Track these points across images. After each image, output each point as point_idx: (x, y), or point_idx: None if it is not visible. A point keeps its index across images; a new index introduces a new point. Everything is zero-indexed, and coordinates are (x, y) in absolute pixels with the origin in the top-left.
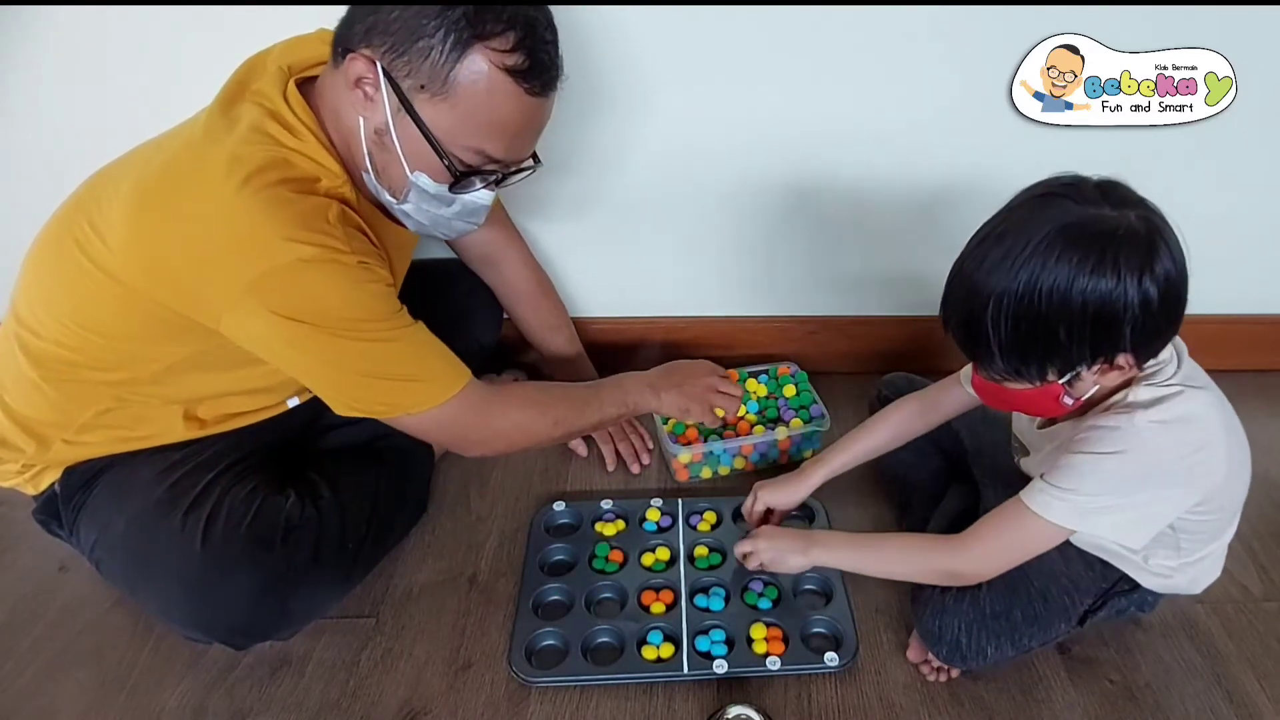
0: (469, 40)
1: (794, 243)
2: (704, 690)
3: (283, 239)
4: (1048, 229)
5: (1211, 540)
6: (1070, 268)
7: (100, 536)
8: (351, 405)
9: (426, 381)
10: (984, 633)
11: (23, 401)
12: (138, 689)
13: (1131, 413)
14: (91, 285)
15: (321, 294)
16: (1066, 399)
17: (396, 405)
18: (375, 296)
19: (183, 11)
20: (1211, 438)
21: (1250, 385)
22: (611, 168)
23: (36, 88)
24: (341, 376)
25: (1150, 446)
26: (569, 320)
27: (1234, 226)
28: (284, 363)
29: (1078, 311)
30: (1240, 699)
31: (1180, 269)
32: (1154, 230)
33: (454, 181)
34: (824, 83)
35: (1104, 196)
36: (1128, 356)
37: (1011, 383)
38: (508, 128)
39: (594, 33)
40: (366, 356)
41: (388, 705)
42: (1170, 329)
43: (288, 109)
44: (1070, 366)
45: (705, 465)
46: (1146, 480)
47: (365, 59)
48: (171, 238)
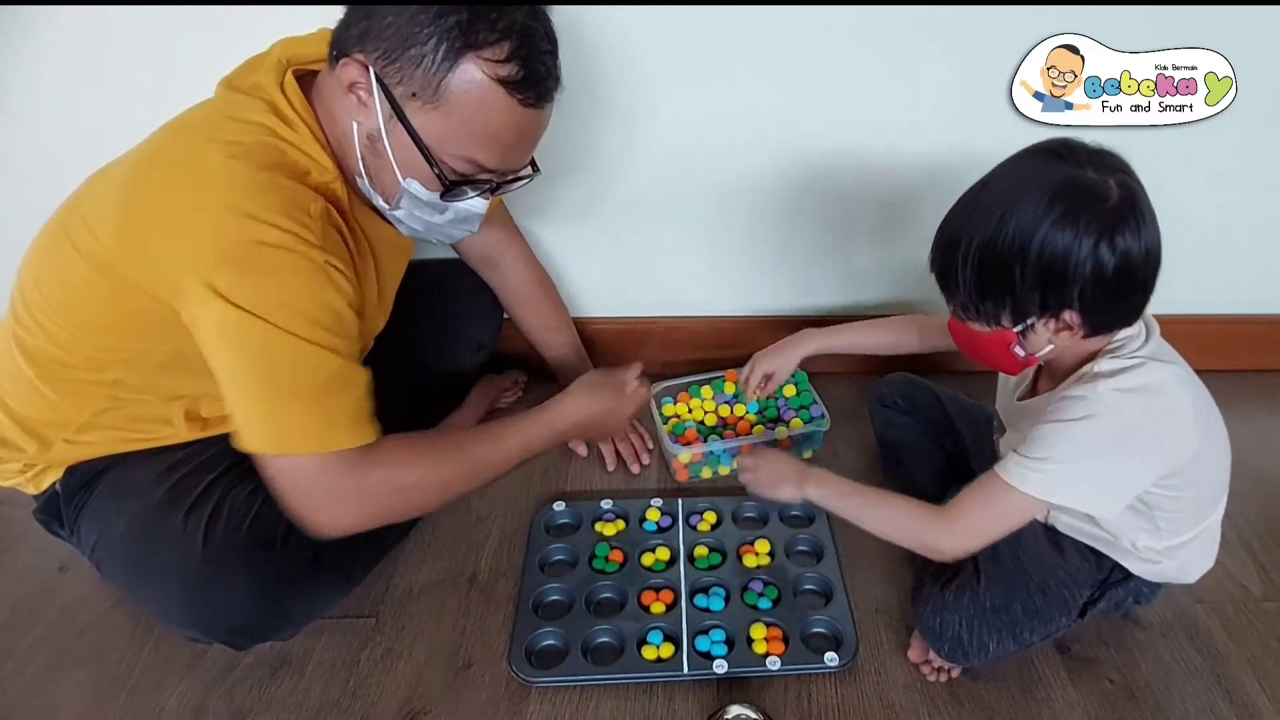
0: (462, 49)
1: (794, 242)
2: (704, 690)
3: (252, 218)
4: (1028, 179)
5: (1192, 523)
6: (1036, 216)
7: (101, 537)
8: (248, 420)
9: (328, 418)
10: (985, 628)
11: (22, 401)
12: (138, 689)
13: (1095, 381)
14: (80, 279)
15: (269, 280)
16: (1018, 349)
17: (283, 433)
18: (323, 305)
19: (183, 12)
20: (1176, 408)
21: (1250, 385)
22: (612, 168)
23: (37, 88)
24: (250, 379)
25: (1114, 412)
26: (570, 321)
27: (1234, 226)
28: (210, 355)
29: (1033, 260)
30: (1240, 699)
31: (1146, 247)
32: (1129, 201)
33: (445, 190)
34: (824, 83)
35: (1090, 159)
36: (1074, 315)
37: (974, 323)
38: (501, 138)
39: (595, 33)
40: (285, 361)
41: (388, 705)
42: (1121, 301)
43: (284, 101)
44: (1022, 315)
45: (705, 465)
46: (1113, 446)
47: (359, 64)
48: (154, 208)
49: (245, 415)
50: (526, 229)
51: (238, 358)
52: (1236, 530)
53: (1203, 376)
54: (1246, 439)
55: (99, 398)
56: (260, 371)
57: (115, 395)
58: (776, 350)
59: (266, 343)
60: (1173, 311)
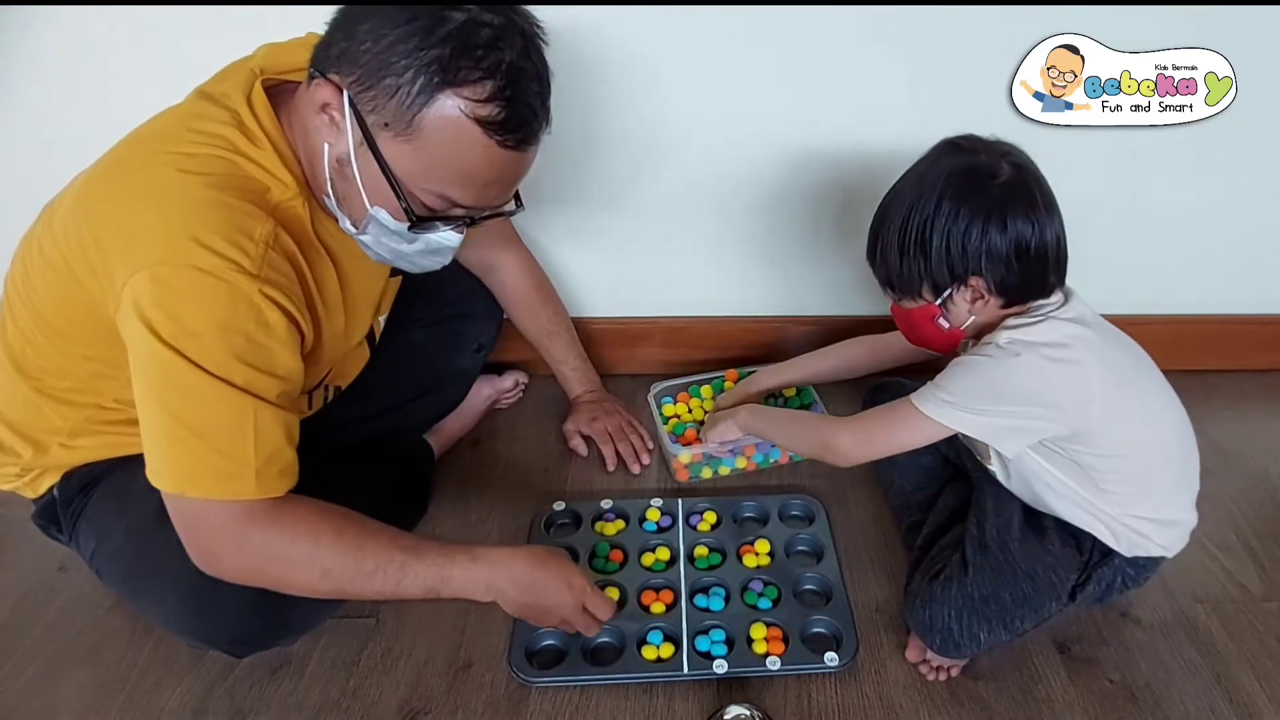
0: (440, 85)
1: (794, 242)
2: (704, 690)
3: (190, 238)
4: (930, 168)
5: (1137, 489)
6: (935, 197)
7: (99, 545)
8: (153, 455)
9: (233, 464)
10: (974, 618)
11: (14, 407)
12: (137, 689)
13: (998, 333)
14: (48, 286)
15: (193, 308)
16: (942, 321)
17: (185, 474)
18: (247, 339)
19: (184, 12)
20: (1074, 361)
21: (1250, 385)
22: (613, 168)
23: (38, 88)
24: (159, 415)
25: (1009, 360)
26: (569, 324)
27: (1234, 226)
28: (134, 384)
29: (937, 236)
30: (1240, 699)
31: (1038, 225)
32: (1020, 184)
33: (411, 224)
34: (824, 83)
35: (985, 148)
36: (980, 281)
37: (904, 300)
38: (475, 177)
39: (597, 33)
40: (195, 399)
41: (388, 705)
42: (1025, 276)
43: (249, 114)
44: (937, 287)
45: (705, 465)
46: (1002, 387)
47: (332, 85)
48: (103, 222)
49: (149, 446)
50: (525, 230)
51: (148, 384)
52: (1236, 530)
53: (1203, 376)
54: (1246, 439)
55: (84, 406)
56: (167, 403)
57: (98, 404)
58: (734, 393)
59: (175, 374)
60: (1173, 311)
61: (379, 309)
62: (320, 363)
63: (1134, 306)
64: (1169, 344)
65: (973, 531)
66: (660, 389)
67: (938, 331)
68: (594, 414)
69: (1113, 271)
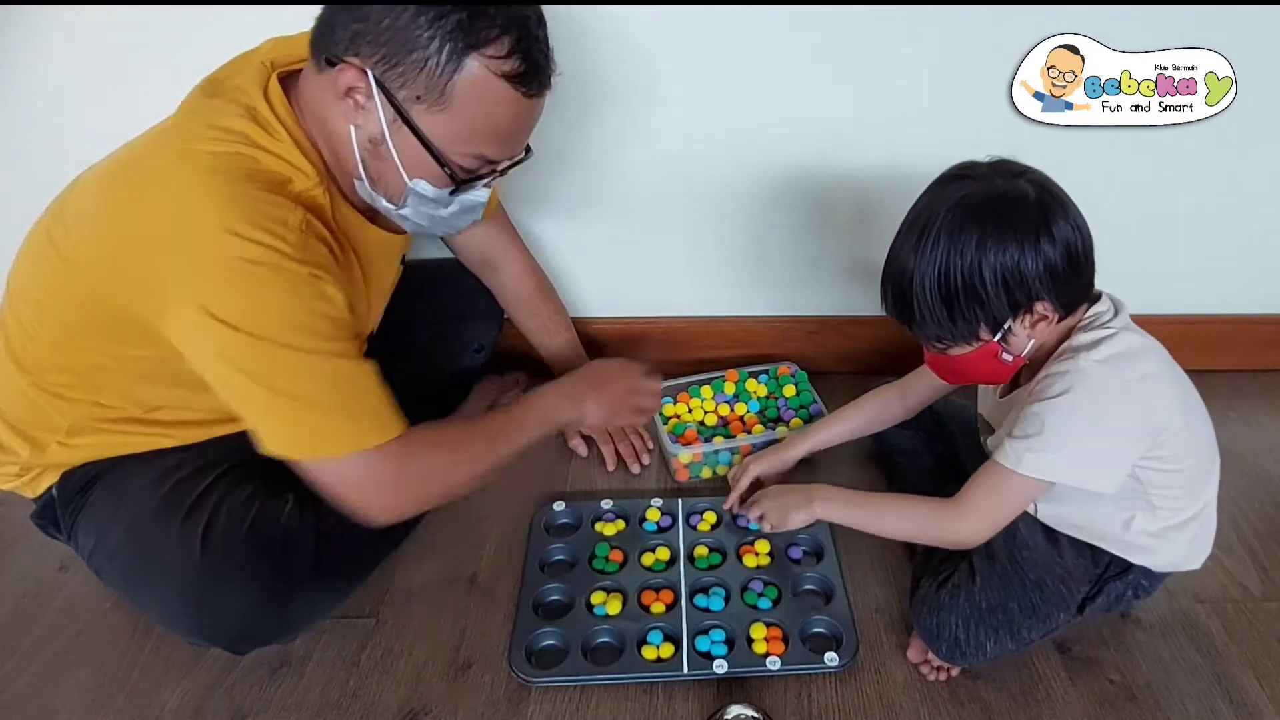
0: (465, 49)
1: (794, 242)
2: (704, 690)
3: (230, 233)
4: (949, 207)
5: (1186, 503)
6: (973, 240)
7: (98, 543)
8: (275, 434)
9: (351, 419)
10: (982, 628)
11: (13, 404)
12: (137, 689)
13: (1075, 356)
14: (60, 284)
15: (258, 297)
16: (1005, 355)
17: (312, 441)
18: (316, 314)
19: (185, 12)
20: (1154, 371)
21: (1250, 385)
22: (612, 168)
23: (38, 88)
24: (268, 398)
25: (1095, 381)
26: (569, 322)
27: (1234, 226)
28: (209, 373)
29: (989, 278)
30: (1240, 699)
31: (1075, 224)
32: (1044, 193)
33: (455, 188)
34: (824, 83)
35: (994, 170)
36: (1045, 304)
37: (953, 349)
38: (505, 130)
39: (595, 33)
40: (296, 376)
41: (388, 705)
42: (1079, 278)
43: (266, 106)
44: (997, 324)
45: (705, 465)
46: (1097, 414)
47: (356, 69)
48: (131, 223)
49: (266, 428)
50: (525, 229)
51: (245, 377)
52: (1236, 530)
53: (1203, 376)
54: (1246, 439)
55: (83, 403)
56: (273, 387)
57: (97, 402)
58: (768, 455)
59: (271, 360)
60: (1173, 311)
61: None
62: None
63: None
64: (1169, 344)
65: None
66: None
67: (999, 366)
68: None
69: (1112, 272)
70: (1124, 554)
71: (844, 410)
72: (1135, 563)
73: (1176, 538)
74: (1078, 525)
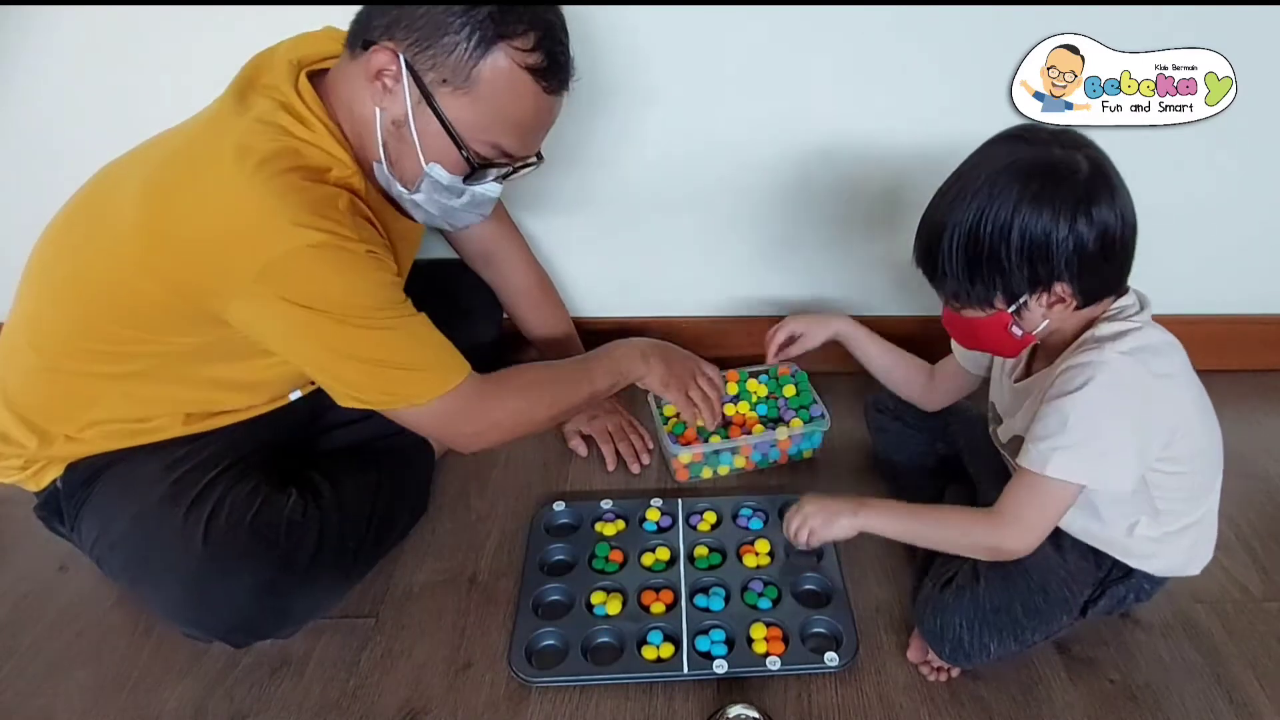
0: (493, 38)
1: (795, 242)
2: (704, 690)
3: (293, 224)
4: (999, 165)
5: (1189, 507)
6: (1011, 199)
7: (102, 534)
8: (354, 395)
9: (428, 371)
10: (985, 629)
11: (27, 396)
12: (138, 689)
13: (1100, 346)
14: (99, 275)
15: (329, 280)
16: (1015, 329)
17: (398, 395)
18: (381, 285)
19: (186, 12)
20: (1175, 370)
21: (1250, 385)
22: (613, 167)
23: (40, 87)
24: (345, 364)
25: (1119, 372)
26: (569, 319)
27: (1234, 226)
28: (289, 351)
29: (1016, 241)
30: (1240, 699)
31: (1121, 215)
32: (1099, 173)
33: (469, 173)
34: (824, 82)
35: (1055, 138)
36: (1064, 286)
37: (968, 310)
38: (523, 123)
39: (597, 33)
40: (370, 344)
41: (388, 705)
42: (1109, 268)
43: (299, 100)
44: (1014, 294)
45: (705, 465)
46: (1121, 406)
47: (389, 51)
48: (182, 225)
49: (353, 390)
50: (526, 228)
51: (329, 351)
52: (1236, 530)
53: (1203, 376)
54: (1246, 439)
55: (109, 391)
56: (355, 356)
57: (125, 390)
58: (811, 317)
59: (350, 333)
60: (1173, 311)
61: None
62: None
63: None
64: None
65: None
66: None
67: (1008, 339)
68: (594, 413)
69: None
70: (1124, 558)
71: (890, 345)
72: (1135, 567)
73: (1178, 543)
74: (1083, 529)
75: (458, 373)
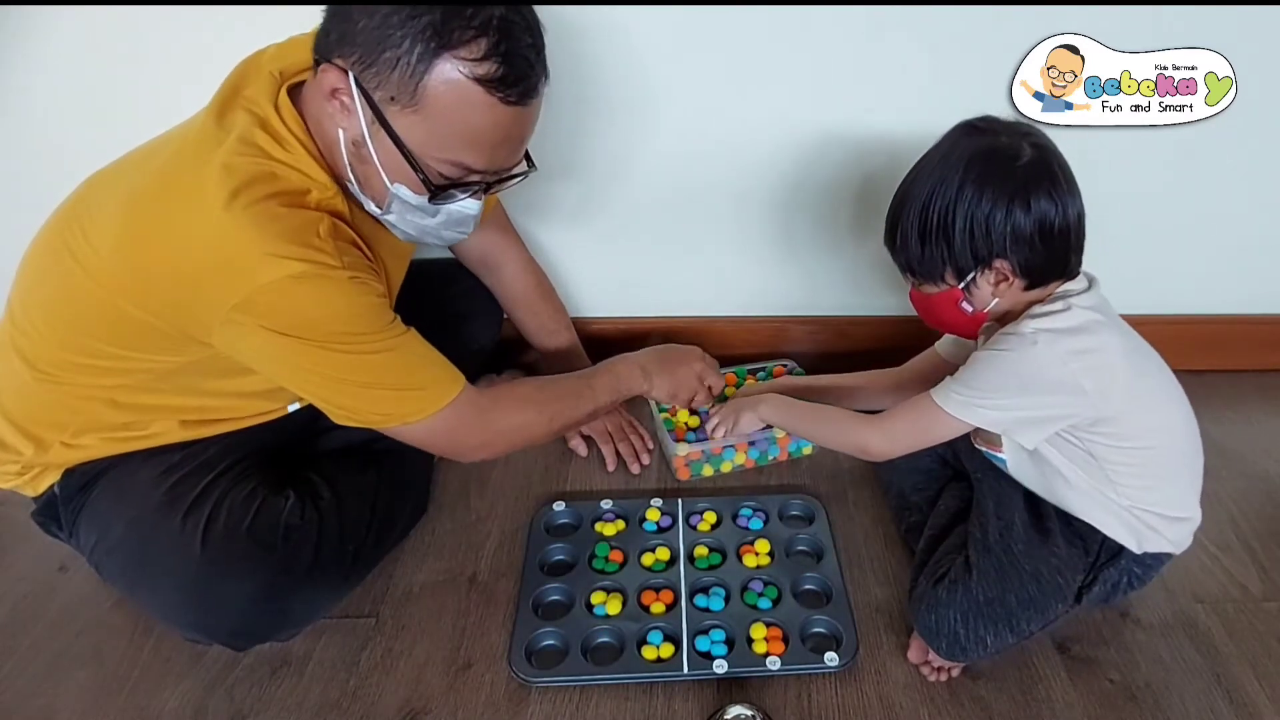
0: (437, 50)
1: (794, 242)
2: (704, 690)
3: (271, 255)
4: (953, 150)
5: (1148, 483)
6: (957, 180)
7: (100, 539)
8: (349, 416)
9: (421, 389)
10: (981, 621)
11: (19, 404)
12: (137, 689)
13: (1022, 322)
14: (83, 292)
15: (312, 309)
16: (965, 305)
17: (393, 414)
18: (368, 309)
19: (186, 12)
20: (1098, 346)
21: (1250, 385)
22: (612, 168)
23: (37, 88)
24: (337, 388)
25: (1032, 350)
26: (569, 323)
27: (1234, 227)
28: (276, 376)
29: (960, 219)
30: (1240, 699)
31: (1061, 208)
32: (1042, 165)
33: (431, 195)
34: (824, 83)
35: (1006, 129)
36: (1004, 264)
37: (926, 285)
38: (484, 138)
39: (597, 33)
40: (361, 368)
41: (388, 705)
42: (1049, 257)
43: (277, 118)
44: (961, 270)
45: (706, 462)
46: (1027, 381)
47: (338, 69)
48: (159, 253)
49: (348, 412)
50: (525, 229)
51: (319, 376)
52: (1236, 530)
53: (1203, 376)
54: (1246, 439)
55: (98, 401)
56: (346, 379)
57: (114, 399)
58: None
59: (338, 359)
60: (1173, 311)
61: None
62: None
63: (1134, 306)
64: (1169, 344)
65: (975, 534)
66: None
67: (960, 315)
68: None
69: (1113, 272)
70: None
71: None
72: (1109, 536)
73: (1149, 518)
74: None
75: (451, 387)
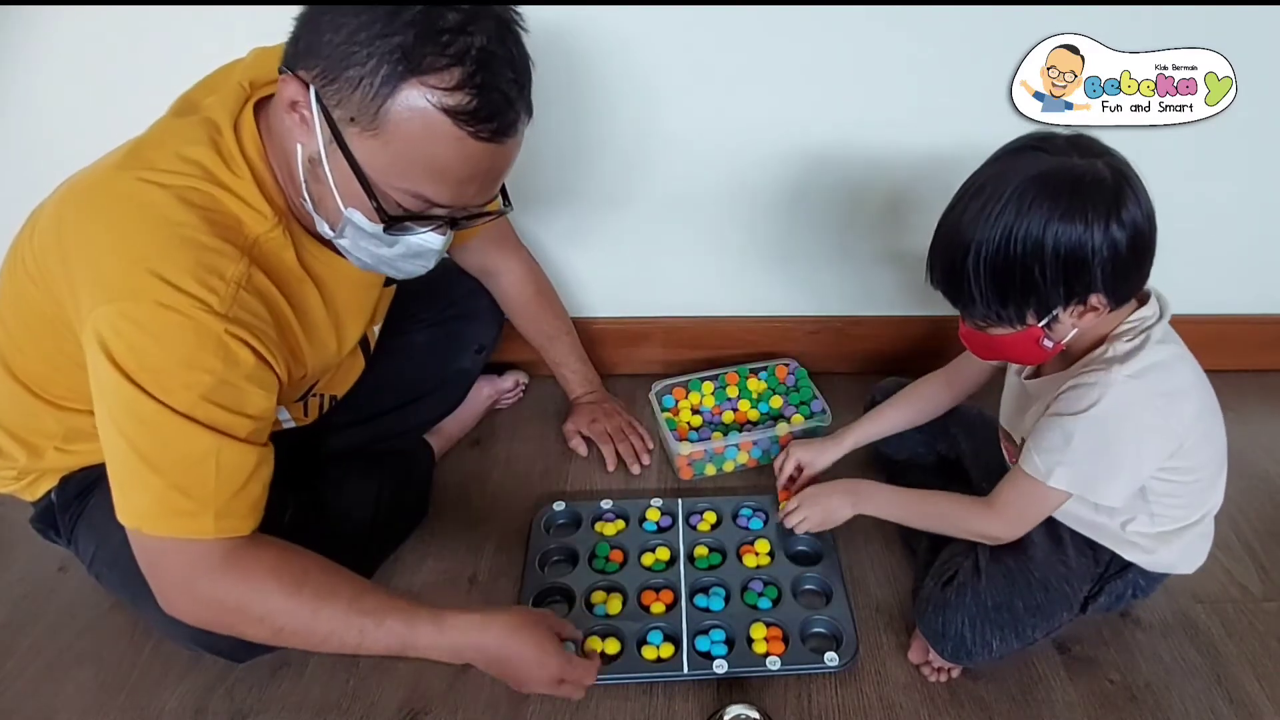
0: (404, 74)
1: (795, 242)
2: (704, 690)
3: (154, 275)
4: (1021, 179)
5: (1186, 512)
6: (1042, 215)
7: (99, 550)
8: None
9: (198, 501)
10: (987, 626)
11: (10, 411)
12: (137, 690)
13: (1108, 368)
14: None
15: (159, 345)
16: (1047, 341)
17: (138, 509)
18: (216, 378)
19: (185, 12)
20: (1183, 386)
21: (1250, 385)
22: (613, 169)
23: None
24: (118, 449)
25: (1123, 396)
26: (570, 327)
27: (1234, 227)
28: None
29: (1050, 257)
30: (1240, 699)
31: (1146, 213)
32: (1120, 177)
33: (386, 225)
34: (825, 83)
35: (1073, 147)
36: (1100, 297)
37: (995, 328)
38: (450, 172)
39: (597, 33)
40: (153, 431)
41: (388, 705)
42: (1139, 270)
43: (232, 137)
44: (1047, 309)
45: (708, 462)
46: (1123, 432)
47: (299, 82)
48: (79, 243)
49: (112, 478)
50: (526, 229)
51: (110, 416)
52: (1236, 530)
53: None
54: (1246, 439)
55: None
56: (128, 436)
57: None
58: (815, 446)
59: (136, 408)
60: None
61: (373, 319)
62: (305, 380)
63: None
64: None
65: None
66: (661, 387)
67: (1038, 351)
68: (594, 415)
69: None
70: (1118, 549)
71: (890, 405)
72: (1130, 560)
73: (1173, 542)
74: (1077, 518)
75: (233, 526)
